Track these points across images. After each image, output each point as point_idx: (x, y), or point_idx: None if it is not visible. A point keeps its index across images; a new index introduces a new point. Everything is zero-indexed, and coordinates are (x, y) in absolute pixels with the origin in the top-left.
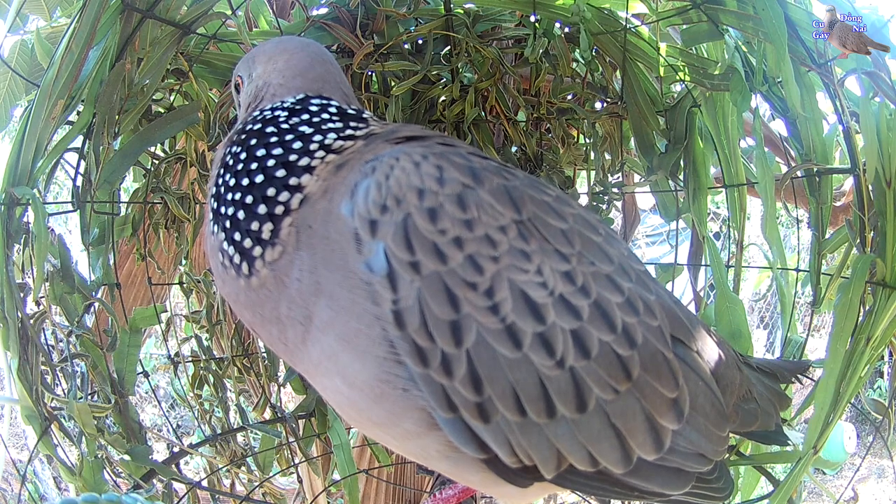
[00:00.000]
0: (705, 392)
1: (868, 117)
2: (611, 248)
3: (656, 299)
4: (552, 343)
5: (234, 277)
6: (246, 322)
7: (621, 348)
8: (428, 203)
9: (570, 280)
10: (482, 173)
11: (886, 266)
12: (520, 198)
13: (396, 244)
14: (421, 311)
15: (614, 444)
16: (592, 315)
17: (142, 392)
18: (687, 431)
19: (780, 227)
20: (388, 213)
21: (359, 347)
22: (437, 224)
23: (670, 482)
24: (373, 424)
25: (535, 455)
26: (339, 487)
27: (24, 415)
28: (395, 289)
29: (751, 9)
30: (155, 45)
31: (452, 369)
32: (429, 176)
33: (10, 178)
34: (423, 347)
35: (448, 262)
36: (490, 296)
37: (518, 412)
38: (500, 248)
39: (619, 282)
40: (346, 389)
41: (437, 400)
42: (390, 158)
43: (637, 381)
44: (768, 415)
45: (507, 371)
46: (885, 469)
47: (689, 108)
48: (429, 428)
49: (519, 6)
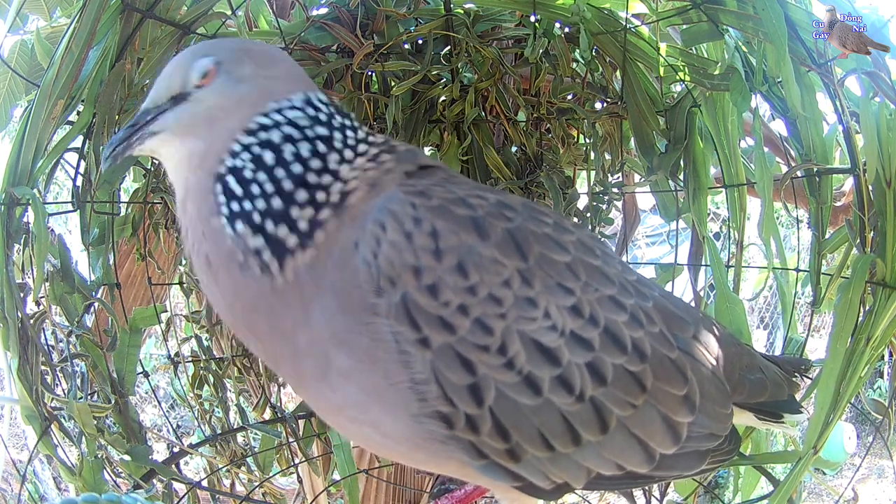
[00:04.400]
0: (710, 377)
1: (868, 117)
2: (609, 267)
3: (653, 305)
4: (570, 381)
5: (255, 279)
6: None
7: (633, 365)
8: (426, 280)
9: (577, 314)
10: (485, 222)
11: (886, 266)
12: (524, 241)
13: (400, 323)
14: (438, 382)
15: (637, 450)
16: (604, 342)
17: (142, 392)
18: (700, 419)
19: (780, 227)
20: (384, 294)
21: (388, 401)
22: (440, 298)
23: (690, 465)
24: (412, 462)
25: (567, 476)
26: (339, 487)
27: (24, 415)
28: (407, 365)
29: (751, 9)
30: (155, 45)
31: (478, 426)
32: (424, 250)
33: (10, 178)
34: (446, 413)
35: (457, 332)
36: (503, 353)
37: (546, 449)
38: (507, 304)
39: (622, 301)
40: (379, 438)
41: (468, 452)
42: (375, 226)
43: (651, 391)
44: (778, 385)
45: (531, 417)
46: (885, 469)
47: (689, 108)
48: (466, 465)
49: (519, 6)
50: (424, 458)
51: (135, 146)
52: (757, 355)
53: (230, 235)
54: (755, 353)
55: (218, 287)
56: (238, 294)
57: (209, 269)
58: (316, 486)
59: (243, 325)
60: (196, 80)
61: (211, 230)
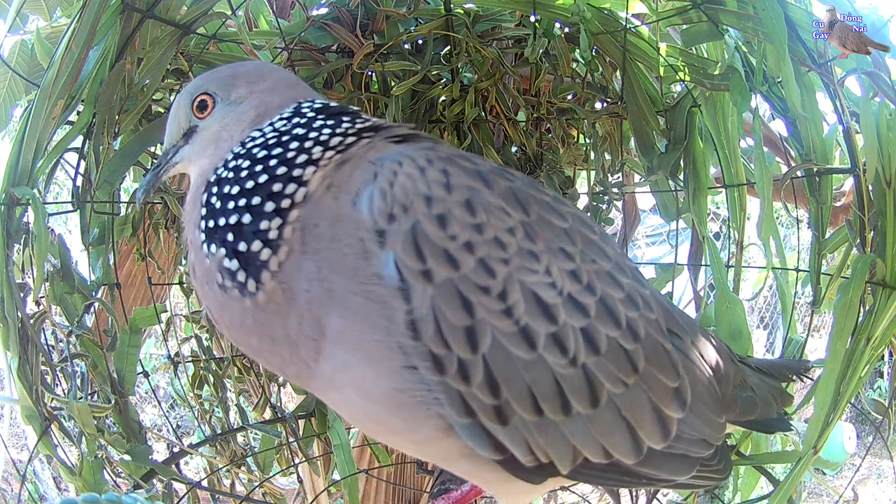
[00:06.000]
0: (702, 380)
1: (868, 117)
2: (607, 245)
3: (651, 293)
4: (565, 342)
5: (237, 299)
6: (251, 350)
7: (627, 342)
8: (437, 210)
9: (576, 279)
10: (489, 175)
11: (886, 266)
12: (525, 199)
13: (406, 253)
14: (436, 319)
15: (625, 436)
16: (599, 312)
17: (142, 392)
18: (690, 419)
19: (780, 227)
20: (395, 221)
21: (373, 358)
22: (448, 230)
23: (678, 468)
24: (391, 433)
25: (552, 452)
26: (339, 487)
27: (24, 415)
28: (407, 299)
29: (751, 9)
30: (155, 45)
31: (470, 375)
32: (435, 182)
33: (10, 178)
34: (439, 355)
35: (460, 268)
36: (503, 299)
37: (535, 412)
38: (510, 250)
39: (618, 278)
40: (361, 402)
41: (455, 406)
42: (392, 163)
43: (643, 374)
44: (768, 403)
45: (524, 372)
46: (884, 469)
47: (689, 108)
48: (447, 432)
49: (519, 6)
50: (400, 424)
51: (162, 177)
52: (749, 373)
53: (207, 254)
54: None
55: (206, 300)
56: (224, 310)
57: (196, 281)
58: (316, 486)
59: (233, 339)
60: (198, 114)
61: (195, 241)
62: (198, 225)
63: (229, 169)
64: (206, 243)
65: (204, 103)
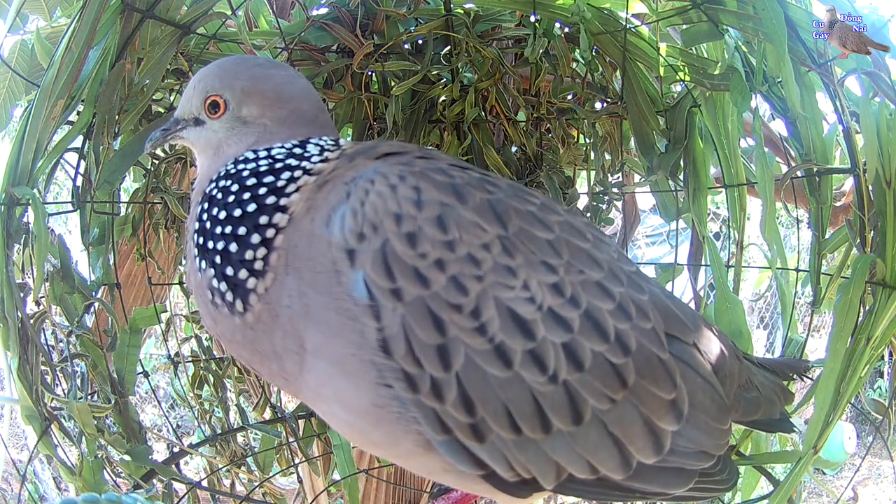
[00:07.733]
0: (704, 387)
1: (868, 117)
2: (600, 253)
3: (649, 298)
4: (543, 359)
5: (227, 316)
6: (243, 360)
7: (615, 357)
8: (406, 228)
9: (558, 292)
10: (464, 189)
11: (886, 266)
12: (504, 211)
13: (376, 272)
14: (406, 338)
15: (613, 453)
16: (583, 326)
17: (142, 392)
18: (687, 430)
19: (780, 227)
20: (365, 241)
21: (351, 372)
22: (417, 248)
23: (671, 482)
24: (374, 446)
25: (534, 469)
26: (339, 487)
27: (24, 415)
28: (378, 317)
29: (751, 9)
30: (155, 45)
31: (443, 393)
32: (406, 199)
33: (10, 178)
34: (411, 374)
35: (431, 286)
36: (476, 316)
37: (513, 430)
38: (484, 267)
39: (609, 288)
40: (344, 414)
41: (430, 423)
42: (365, 182)
43: (633, 388)
44: (771, 403)
45: (499, 391)
46: (884, 469)
47: (689, 108)
48: (427, 447)
49: (519, 6)
50: (381, 438)
51: (168, 141)
52: (754, 370)
53: (199, 269)
54: (755, 372)
55: (200, 310)
56: (216, 323)
57: (191, 290)
58: (316, 486)
59: (227, 349)
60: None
61: (190, 251)
62: (192, 237)
63: (219, 189)
64: (198, 258)
65: (215, 105)
